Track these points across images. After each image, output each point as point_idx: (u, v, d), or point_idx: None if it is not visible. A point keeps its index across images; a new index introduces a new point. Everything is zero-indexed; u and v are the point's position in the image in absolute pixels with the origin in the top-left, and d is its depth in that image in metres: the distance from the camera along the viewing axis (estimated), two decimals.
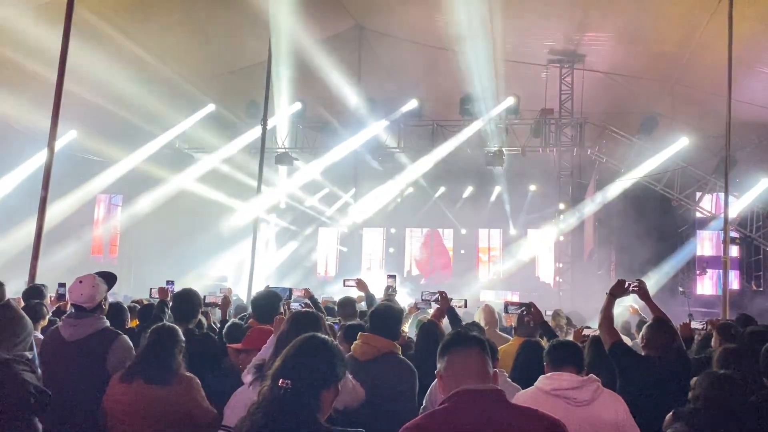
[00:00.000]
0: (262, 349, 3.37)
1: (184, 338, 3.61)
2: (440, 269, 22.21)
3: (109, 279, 4.00)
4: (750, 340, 4.18)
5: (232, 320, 5.42)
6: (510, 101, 15.28)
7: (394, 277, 6.24)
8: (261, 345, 3.33)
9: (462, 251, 22.07)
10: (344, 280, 6.56)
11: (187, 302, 4.60)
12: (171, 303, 4.87)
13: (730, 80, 10.40)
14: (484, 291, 19.01)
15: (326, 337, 2.39)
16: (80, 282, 3.85)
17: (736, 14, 10.10)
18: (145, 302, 6.22)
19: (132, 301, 6.82)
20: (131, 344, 3.86)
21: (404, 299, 8.85)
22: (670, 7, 12.01)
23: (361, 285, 6.16)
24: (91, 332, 3.76)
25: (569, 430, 2.21)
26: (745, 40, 10.80)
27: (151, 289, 6.06)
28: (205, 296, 5.66)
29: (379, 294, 6.45)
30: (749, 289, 15.75)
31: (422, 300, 5.87)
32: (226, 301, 5.82)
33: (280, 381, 2.17)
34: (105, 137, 16.20)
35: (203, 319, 4.99)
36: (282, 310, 4.30)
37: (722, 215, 12.30)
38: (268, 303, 4.35)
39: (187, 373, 3.53)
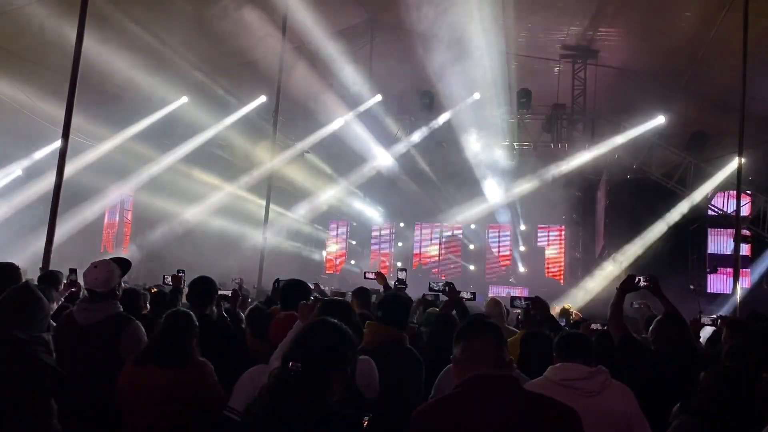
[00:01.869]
0: (288, 334, 3.38)
1: (198, 324, 3.64)
2: (449, 264, 22.21)
3: (124, 265, 4.05)
4: (759, 335, 4.18)
5: (255, 303, 5.46)
6: (522, 96, 15.24)
7: (405, 270, 6.26)
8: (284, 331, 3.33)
9: (471, 246, 22.04)
10: (364, 273, 6.68)
11: (204, 288, 4.64)
12: (187, 289, 4.91)
13: (745, 77, 10.31)
14: (493, 286, 19.02)
15: (337, 321, 2.41)
16: (95, 267, 3.90)
17: (752, 10, 10.01)
18: (155, 290, 6.28)
19: (143, 289, 6.87)
20: (144, 330, 3.90)
21: (414, 292, 8.88)
22: (685, 2, 11.93)
23: (380, 278, 6.24)
24: (104, 317, 3.81)
25: None
26: (760, 36, 10.70)
27: (164, 276, 6.11)
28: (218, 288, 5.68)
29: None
30: (761, 288, 15.63)
31: (430, 291, 5.89)
32: (235, 295, 5.79)
33: (290, 363, 2.20)
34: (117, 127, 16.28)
35: (214, 309, 5.03)
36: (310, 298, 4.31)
37: (734, 213, 12.26)
38: (298, 292, 4.29)
39: (201, 358, 3.56)
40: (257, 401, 2.24)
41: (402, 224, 22.69)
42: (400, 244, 22.90)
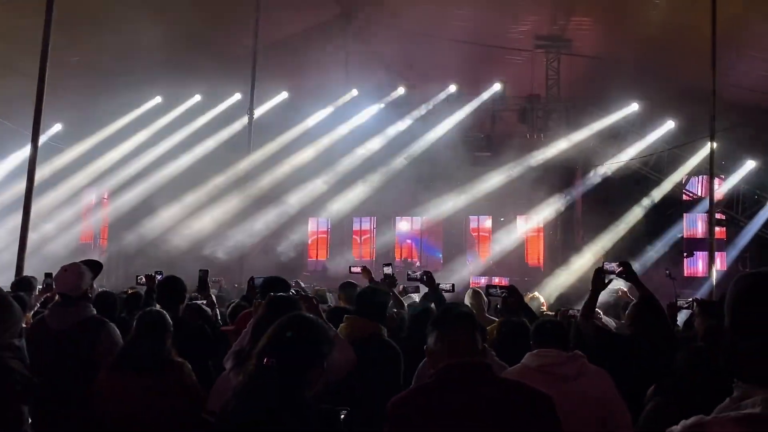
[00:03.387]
0: (242, 334, 3.36)
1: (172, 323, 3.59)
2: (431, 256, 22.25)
3: (95, 267, 3.99)
4: None
5: (236, 302, 5.39)
6: (497, 87, 15.31)
7: (390, 265, 6.19)
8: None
9: (452, 238, 22.07)
10: (350, 267, 6.60)
11: (172, 288, 4.57)
12: (156, 291, 4.85)
13: (715, 63, 10.46)
14: (474, 277, 19.08)
15: (311, 315, 2.40)
16: (65, 271, 3.84)
17: None
18: (131, 291, 6.20)
19: (121, 292, 6.77)
20: (118, 332, 3.84)
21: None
22: None
23: (366, 272, 6.16)
24: (77, 321, 3.75)
25: (557, 405, 2.22)
26: (729, 22, 10.84)
27: (137, 276, 6.03)
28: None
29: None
30: (736, 270, 15.89)
31: (408, 279, 5.86)
32: (211, 303, 5.47)
33: (265, 360, 2.18)
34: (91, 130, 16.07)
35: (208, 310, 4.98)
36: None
37: (708, 197, 12.45)
38: (278, 288, 4.26)
39: (178, 359, 3.50)
40: (231, 400, 2.22)
41: (382, 218, 22.67)
42: (381, 239, 22.88)
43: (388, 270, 5.89)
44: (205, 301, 5.21)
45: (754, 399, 1.31)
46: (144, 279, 5.78)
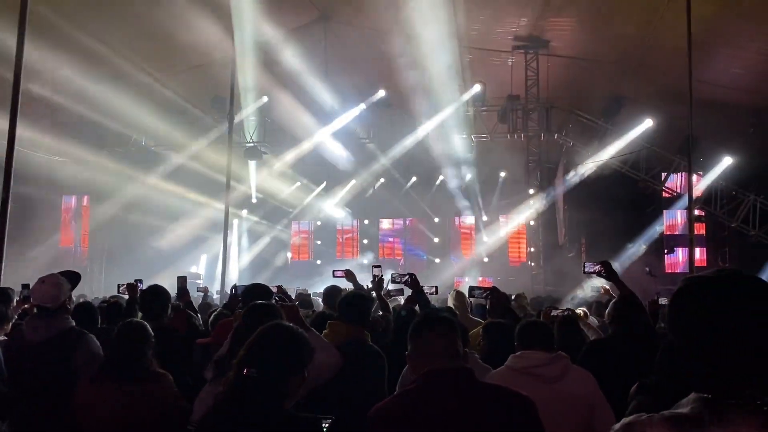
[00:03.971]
0: (223, 344, 3.33)
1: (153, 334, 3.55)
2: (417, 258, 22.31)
3: (73, 278, 3.93)
4: None
5: (219, 310, 5.34)
6: (477, 88, 15.38)
7: (380, 267, 6.12)
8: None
9: (436, 239, 22.16)
10: (333, 271, 6.50)
11: (156, 299, 4.53)
12: (139, 301, 4.80)
13: (691, 61, 10.60)
14: (458, 277, 19.16)
15: (290, 324, 2.38)
16: (42, 282, 3.77)
17: None
18: (112, 300, 6.11)
19: (102, 302, 6.69)
20: (98, 344, 3.79)
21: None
22: None
23: (349, 276, 6.08)
24: (55, 333, 3.69)
25: (541, 407, 2.22)
26: (705, 21, 10.98)
27: (119, 285, 5.95)
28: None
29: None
30: (716, 266, 16.09)
31: (392, 281, 5.82)
32: (192, 311, 5.44)
33: (245, 370, 2.16)
34: (67, 137, 15.88)
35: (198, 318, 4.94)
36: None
37: (687, 194, 12.62)
38: (259, 296, 4.22)
39: (160, 370, 3.47)
40: (211, 410, 2.19)
41: (366, 221, 22.69)
42: (365, 241, 22.90)
43: (376, 272, 5.81)
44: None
45: (688, 398, 1.33)
46: (125, 288, 5.72)
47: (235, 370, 2.20)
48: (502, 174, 19.44)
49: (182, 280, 5.61)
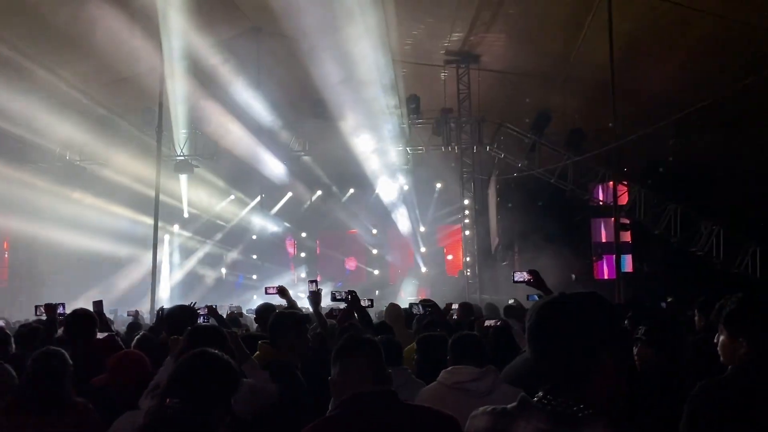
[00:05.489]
0: (159, 371, 3.21)
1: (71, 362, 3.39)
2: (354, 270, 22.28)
3: None
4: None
5: (142, 333, 5.15)
6: (411, 102, 15.57)
7: (315, 281, 6.05)
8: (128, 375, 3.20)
9: (374, 251, 22.22)
10: (266, 288, 6.38)
11: (81, 323, 4.33)
12: (64, 325, 4.58)
13: (613, 75, 11.13)
14: (398, 290, 19.29)
15: (217, 352, 2.29)
16: None
17: (616, 12, 10.77)
18: (33, 325, 5.80)
19: (20, 326, 6.34)
20: (13, 372, 3.58)
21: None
22: (554, 6, 12.61)
23: (282, 292, 5.95)
24: None
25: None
26: (626, 36, 11.52)
27: (36, 306, 5.65)
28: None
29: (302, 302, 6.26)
30: (642, 272, 16.74)
31: (333, 300, 5.79)
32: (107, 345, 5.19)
33: (167, 400, 2.07)
34: None
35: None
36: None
37: (613, 203, 13.15)
38: (182, 319, 4.06)
39: (80, 400, 3.31)
40: None
41: (304, 234, 22.51)
42: (303, 254, 22.71)
43: (312, 287, 5.73)
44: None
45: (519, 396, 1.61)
46: (44, 309, 5.44)
47: (158, 399, 2.12)
48: (438, 185, 19.72)
49: (98, 305, 5.37)
